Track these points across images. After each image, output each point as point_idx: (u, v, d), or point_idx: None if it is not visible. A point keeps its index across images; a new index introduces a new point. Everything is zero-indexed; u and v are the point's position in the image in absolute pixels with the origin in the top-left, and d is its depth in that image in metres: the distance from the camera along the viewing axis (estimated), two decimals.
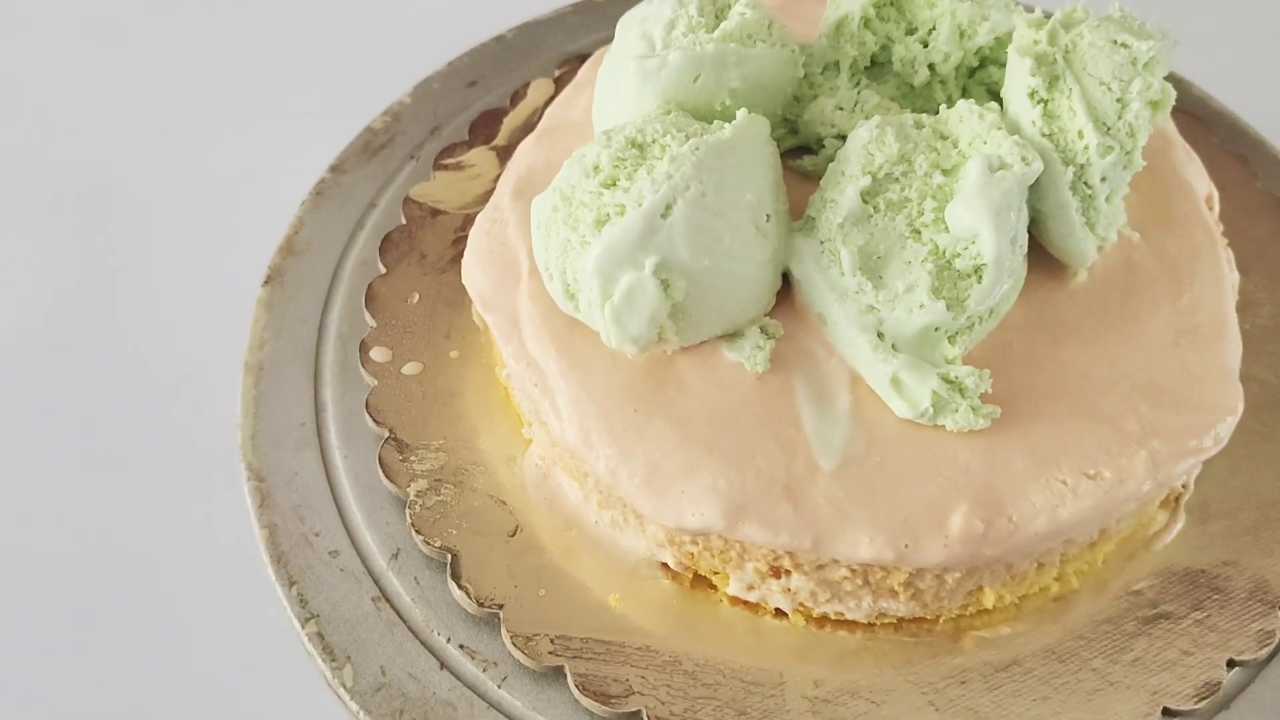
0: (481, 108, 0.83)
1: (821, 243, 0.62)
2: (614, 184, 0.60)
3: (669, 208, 0.59)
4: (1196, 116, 0.81)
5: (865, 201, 0.61)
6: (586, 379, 0.62)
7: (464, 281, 0.67)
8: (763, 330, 0.63)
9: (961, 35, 0.67)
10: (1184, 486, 0.67)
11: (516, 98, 0.82)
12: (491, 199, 0.70)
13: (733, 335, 0.63)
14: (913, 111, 0.67)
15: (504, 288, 0.66)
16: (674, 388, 0.62)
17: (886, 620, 0.63)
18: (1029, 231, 0.64)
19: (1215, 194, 0.71)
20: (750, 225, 0.61)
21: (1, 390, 0.83)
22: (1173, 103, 0.65)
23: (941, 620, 0.64)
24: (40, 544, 0.77)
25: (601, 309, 0.60)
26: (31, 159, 0.93)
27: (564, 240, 0.61)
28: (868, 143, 0.62)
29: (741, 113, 0.63)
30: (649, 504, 0.60)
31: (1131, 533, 0.66)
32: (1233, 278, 0.68)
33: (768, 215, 0.62)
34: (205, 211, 0.89)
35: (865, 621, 0.63)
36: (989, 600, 0.63)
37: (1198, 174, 0.70)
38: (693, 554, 0.63)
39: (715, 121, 0.63)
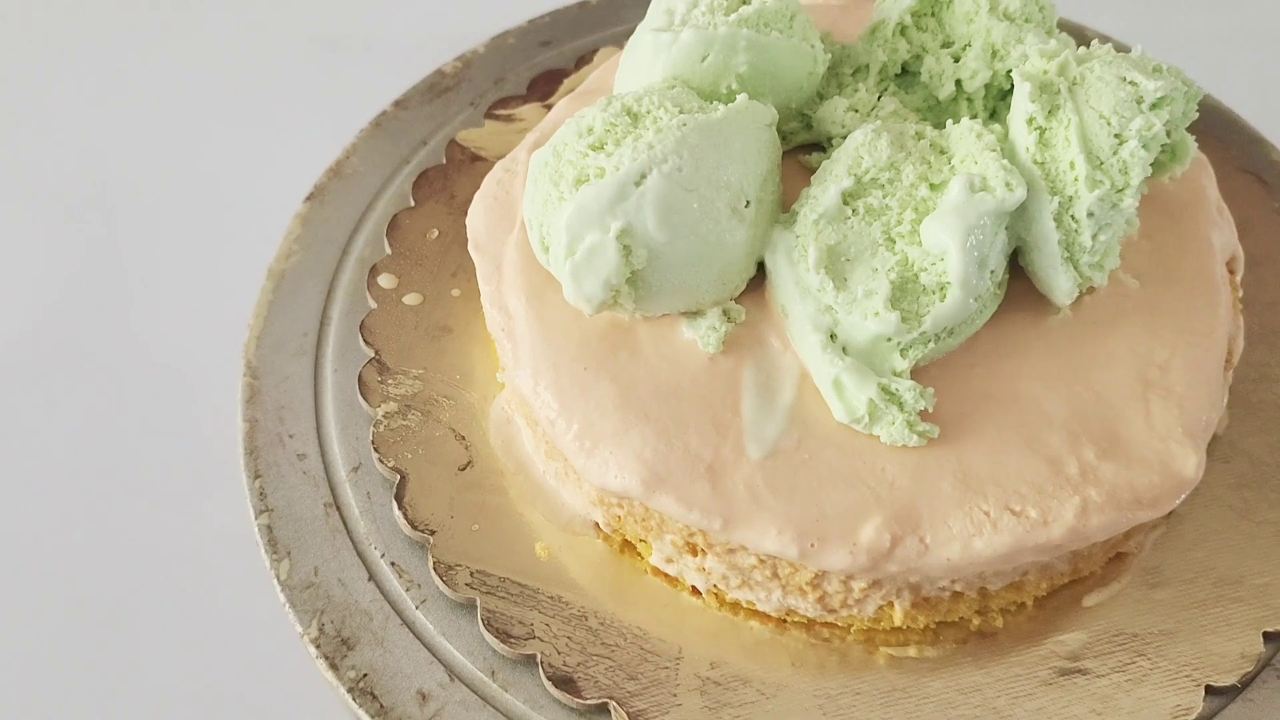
0: (547, 67, 0.85)
1: (796, 237, 0.62)
2: (601, 147, 0.62)
3: (643, 177, 0.60)
4: (1263, 180, 0.78)
5: (845, 203, 0.61)
6: (548, 331, 0.64)
7: (466, 221, 0.70)
8: (724, 313, 0.63)
9: (993, 55, 0.66)
10: (1137, 546, 0.65)
11: (581, 62, 0.85)
12: (514, 150, 0.73)
13: (694, 313, 0.64)
14: (934, 126, 0.67)
15: (497, 234, 0.68)
16: (628, 354, 0.63)
17: (797, 619, 0.63)
18: (1020, 262, 0.63)
19: (1240, 257, 0.68)
20: (726, 208, 0.61)
21: (27, 353, 0.84)
22: (1192, 154, 0.63)
23: (853, 630, 0.63)
24: (43, 529, 0.77)
25: (564, 264, 0.62)
26: (69, 124, 0.94)
27: (546, 194, 0.63)
28: (860, 145, 0.62)
29: (741, 98, 0.63)
30: (579, 459, 0.62)
31: (1069, 583, 0.64)
32: (1237, 344, 0.65)
33: (748, 201, 0.62)
34: (248, 159, 0.91)
35: (777, 616, 0.64)
36: (898, 618, 0.62)
37: (1225, 234, 0.67)
38: (619, 516, 0.64)
39: (715, 103, 0.63)
